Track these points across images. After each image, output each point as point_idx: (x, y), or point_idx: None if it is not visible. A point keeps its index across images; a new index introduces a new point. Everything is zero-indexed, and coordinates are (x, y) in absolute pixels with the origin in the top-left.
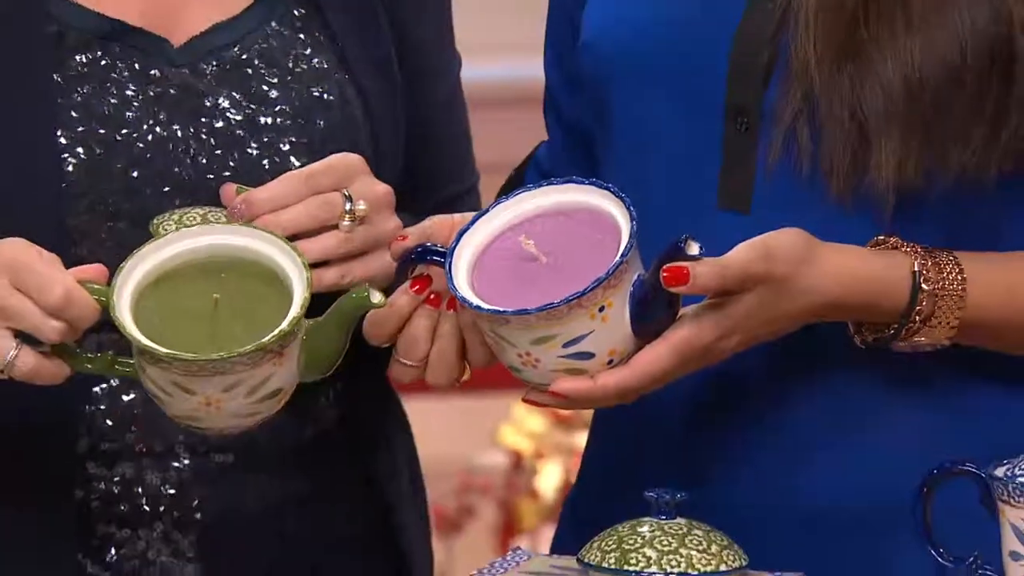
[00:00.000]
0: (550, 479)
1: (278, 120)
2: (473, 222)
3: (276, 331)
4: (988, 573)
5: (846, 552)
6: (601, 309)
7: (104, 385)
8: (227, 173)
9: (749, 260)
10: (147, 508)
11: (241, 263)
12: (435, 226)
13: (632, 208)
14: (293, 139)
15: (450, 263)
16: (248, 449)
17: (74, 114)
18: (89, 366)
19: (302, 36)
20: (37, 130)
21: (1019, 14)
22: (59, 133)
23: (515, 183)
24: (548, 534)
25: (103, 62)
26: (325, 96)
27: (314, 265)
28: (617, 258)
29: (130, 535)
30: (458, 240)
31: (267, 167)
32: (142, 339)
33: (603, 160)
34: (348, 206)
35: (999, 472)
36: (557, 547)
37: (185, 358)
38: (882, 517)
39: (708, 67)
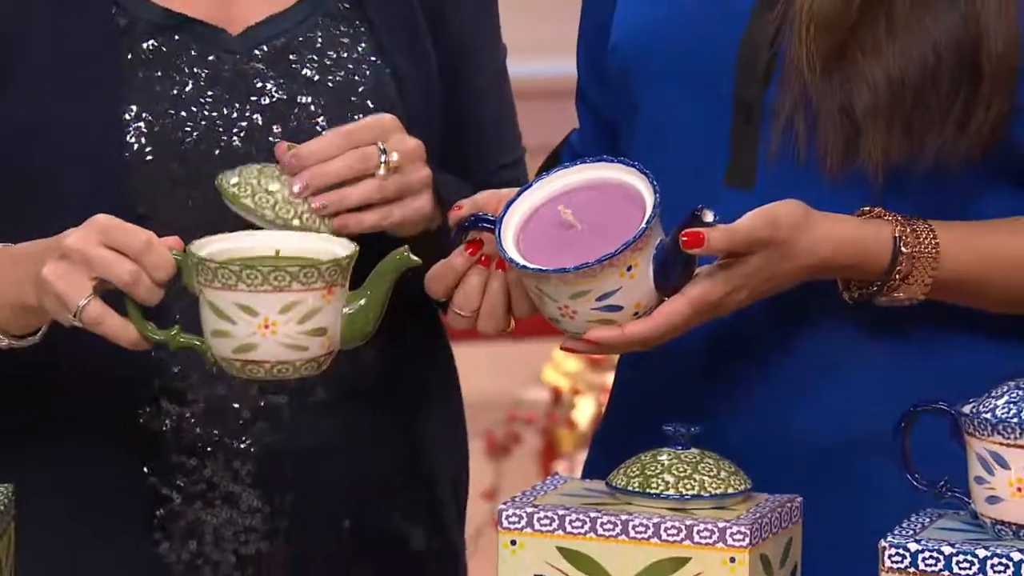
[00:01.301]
0: (584, 411)
1: (318, 98)
2: (519, 195)
3: (331, 258)
4: (956, 494)
5: (834, 478)
6: (629, 268)
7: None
8: (270, 145)
9: (755, 226)
10: (211, 440)
11: (299, 254)
12: (485, 198)
13: (655, 182)
14: (328, 117)
15: (499, 229)
16: (299, 392)
17: (138, 92)
18: (155, 336)
19: (343, 27)
20: (104, 106)
21: (984, 21)
22: (124, 109)
23: (551, 163)
24: (583, 457)
25: (166, 49)
26: (360, 79)
27: (357, 210)
28: (643, 224)
29: (197, 463)
30: (506, 210)
31: (303, 140)
32: (215, 258)
33: (628, 145)
34: (383, 158)
35: (966, 409)
36: (588, 472)
37: (254, 265)
38: (864, 448)
39: (719, 68)
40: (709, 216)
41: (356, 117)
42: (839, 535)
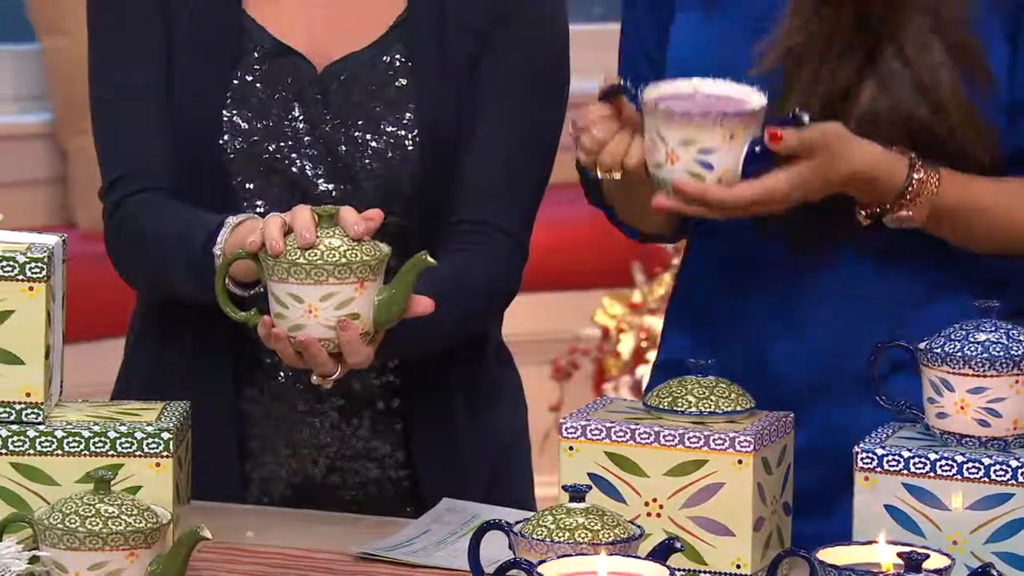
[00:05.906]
0: (626, 345)
1: (361, 121)
2: (663, 79)
3: (361, 258)
4: (913, 411)
5: (817, 397)
6: (731, 136)
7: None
8: (330, 156)
9: (815, 135)
10: (282, 370)
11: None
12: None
13: (767, 94)
14: (367, 137)
15: (639, 93)
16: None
17: (236, 99)
18: (237, 316)
19: (395, 70)
20: (212, 106)
21: (943, 104)
22: (224, 112)
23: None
24: (626, 380)
25: (264, 68)
26: (393, 115)
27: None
28: (751, 106)
29: (276, 383)
30: (647, 84)
31: (354, 152)
32: (273, 258)
33: None
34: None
35: (922, 346)
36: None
37: (300, 263)
38: (844, 377)
39: None
40: (805, 118)
41: (384, 144)
42: (821, 443)
